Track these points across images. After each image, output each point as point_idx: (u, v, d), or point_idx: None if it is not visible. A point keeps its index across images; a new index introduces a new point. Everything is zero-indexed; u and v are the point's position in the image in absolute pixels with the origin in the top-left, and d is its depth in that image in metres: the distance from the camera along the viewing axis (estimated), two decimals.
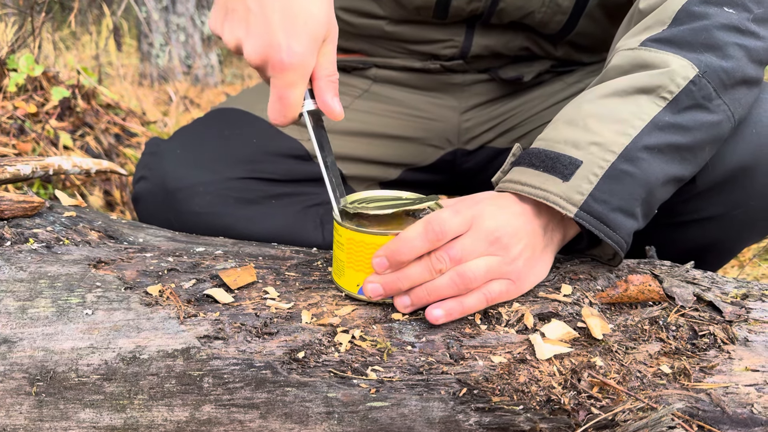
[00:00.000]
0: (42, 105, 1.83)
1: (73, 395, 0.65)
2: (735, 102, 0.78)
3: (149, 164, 1.03)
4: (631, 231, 0.74)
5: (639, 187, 0.73)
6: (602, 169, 0.72)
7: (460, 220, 0.70)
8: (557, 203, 0.72)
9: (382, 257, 0.69)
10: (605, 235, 0.71)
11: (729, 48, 0.77)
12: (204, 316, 0.69)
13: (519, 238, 0.72)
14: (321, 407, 0.64)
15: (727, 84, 0.76)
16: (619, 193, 0.72)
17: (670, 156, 0.74)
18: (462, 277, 0.69)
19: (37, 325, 0.67)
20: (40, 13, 1.95)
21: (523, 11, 1.05)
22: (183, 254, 0.82)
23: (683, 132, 0.74)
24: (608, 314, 0.74)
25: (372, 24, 1.12)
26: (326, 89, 0.74)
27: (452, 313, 0.70)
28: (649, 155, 0.73)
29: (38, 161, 0.98)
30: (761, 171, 0.84)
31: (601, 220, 0.71)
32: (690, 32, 0.78)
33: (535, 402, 0.64)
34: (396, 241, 0.69)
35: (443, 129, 1.20)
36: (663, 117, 0.74)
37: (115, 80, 3.03)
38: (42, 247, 0.78)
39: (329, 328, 0.69)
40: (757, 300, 0.77)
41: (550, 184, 0.73)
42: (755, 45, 0.78)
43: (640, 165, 0.72)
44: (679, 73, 0.75)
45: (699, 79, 0.75)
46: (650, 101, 0.75)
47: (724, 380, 0.67)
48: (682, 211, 0.90)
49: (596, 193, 0.71)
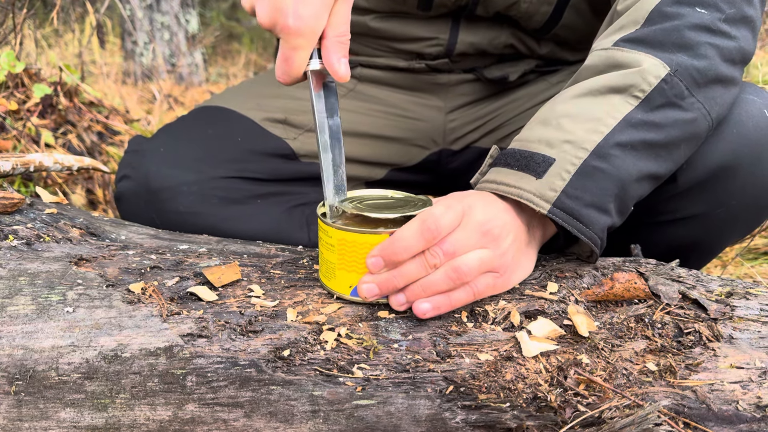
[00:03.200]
0: (23, 102, 1.80)
1: (54, 394, 0.63)
2: (710, 100, 0.78)
3: (132, 163, 1.01)
4: (605, 227, 0.74)
5: (611, 184, 0.73)
6: (574, 166, 0.73)
7: (453, 215, 0.69)
8: (531, 200, 0.72)
9: (378, 257, 0.69)
10: (578, 231, 0.72)
11: (700, 47, 0.78)
12: (187, 314, 0.68)
13: (508, 231, 0.72)
14: (306, 406, 0.64)
15: (700, 82, 0.77)
16: (592, 189, 0.73)
17: (644, 153, 0.75)
18: (457, 272, 0.69)
19: (16, 323, 0.66)
20: (22, 9, 1.92)
21: (509, 0, 1.05)
22: (166, 252, 0.81)
23: (656, 129, 0.75)
24: (594, 312, 0.74)
25: (357, 20, 1.11)
26: (333, 49, 0.73)
27: (440, 307, 0.70)
28: (622, 152, 0.74)
29: (19, 158, 0.96)
30: (742, 170, 0.85)
31: (574, 216, 0.72)
32: (662, 32, 0.79)
33: (521, 399, 0.64)
34: (392, 240, 0.68)
35: (429, 129, 1.19)
36: (635, 115, 0.75)
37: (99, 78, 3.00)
38: (22, 244, 0.76)
39: (315, 326, 0.69)
40: (742, 298, 0.77)
41: (524, 182, 0.74)
42: (727, 44, 0.79)
43: (613, 161, 0.73)
44: (651, 72, 0.76)
45: (671, 77, 0.76)
46: (623, 100, 0.76)
47: (709, 377, 0.67)
48: (664, 211, 0.91)
49: (569, 189, 0.72)
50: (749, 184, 0.86)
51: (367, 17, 1.11)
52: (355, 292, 0.72)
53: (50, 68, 2.14)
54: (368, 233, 0.69)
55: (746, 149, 0.84)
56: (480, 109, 1.20)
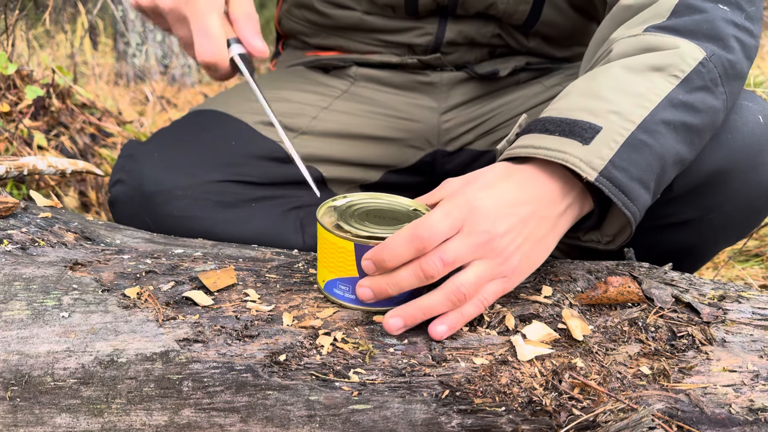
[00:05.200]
0: (15, 104, 1.80)
1: (49, 400, 0.63)
2: (732, 95, 0.79)
3: (126, 167, 1.01)
4: (646, 205, 0.72)
5: (656, 161, 0.72)
6: (622, 137, 0.70)
7: (450, 224, 0.67)
8: (577, 165, 0.69)
9: (369, 261, 0.67)
10: (623, 204, 0.69)
11: (730, 40, 0.78)
12: (183, 318, 0.68)
13: (518, 231, 0.69)
14: (303, 410, 0.64)
15: (729, 74, 0.77)
16: (638, 163, 0.70)
17: (683, 135, 0.74)
18: (457, 294, 0.67)
19: (11, 328, 0.65)
20: (14, 10, 1.91)
21: (485, 2, 1.07)
22: (161, 256, 0.81)
23: (694, 113, 0.74)
24: (588, 315, 0.74)
25: (349, 14, 1.13)
26: (245, 27, 0.82)
27: (455, 326, 0.68)
28: (666, 130, 0.72)
29: (12, 161, 0.96)
30: (736, 176, 0.85)
31: (621, 189, 0.69)
32: (692, 23, 0.79)
33: (516, 403, 0.64)
34: (381, 246, 0.67)
35: (423, 130, 1.20)
36: (677, 95, 0.74)
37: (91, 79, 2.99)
38: (17, 249, 0.76)
39: (311, 331, 0.69)
40: (734, 301, 0.78)
41: (568, 147, 0.70)
42: (749, 41, 0.80)
43: (658, 138, 0.72)
44: (689, 53, 0.75)
45: (707, 62, 0.75)
46: (663, 78, 0.74)
47: (702, 381, 0.67)
48: (658, 215, 0.91)
49: (616, 160, 0.69)
50: (743, 190, 0.87)
51: (358, 12, 1.13)
52: (327, 287, 0.73)
53: (42, 69, 2.13)
54: (337, 235, 0.69)
55: (741, 155, 0.84)
56: (474, 110, 1.20)
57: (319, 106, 1.16)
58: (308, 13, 1.18)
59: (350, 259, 0.70)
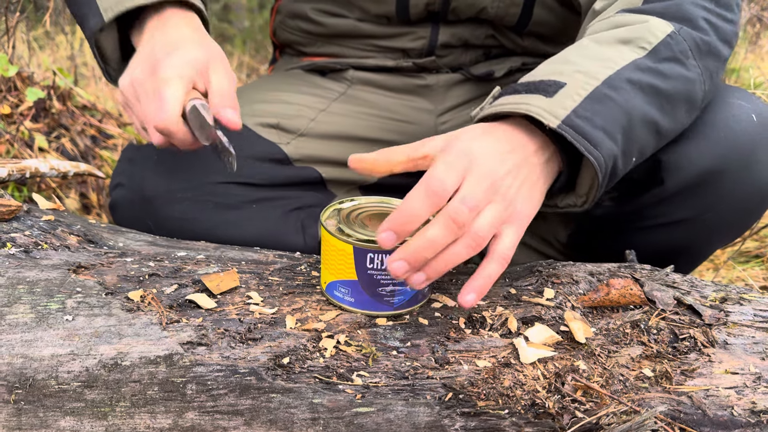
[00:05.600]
0: (16, 106, 1.80)
1: (53, 403, 0.63)
2: (706, 71, 0.80)
3: (126, 171, 1.01)
4: (611, 153, 0.72)
5: (620, 113, 0.73)
6: (586, 91, 0.72)
7: (455, 173, 0.66)
8: (540, 114, 0.70)
9: (388, 231, 0.64)
10: (586, 149, 0.70)
11: (699, 21, 0.80)
12: (187, 321, 0.68)
13: (515, 175, 0.70)
14: (306, 413, 0.64)
15: (702, 50, 0.80)
16: (602, 113, 0.72)
17: (651, 97, 0.75)
18: (476, 240, 0.65)
19: (15, 331, 0.66)
20: (14, 12, 1.91)
21: (475, 8, 1.08)
22: (164, 259, 0.81)
23: (662, 77, 0.76)
24: (590, 318, 0.74)
25: (344, 22, 1.14)
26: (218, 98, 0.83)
27: (484, 291, 0.68)
28: (631, 87, 0.74)
29: (14, 164, 0.96)
30: (730, 175, 0.86)
31: (583, 135, 0.70)
32: (662, 6, 0.82)
33: (520, 406, 0.65)
34: (399, 210, 0.64)
35: (420, 132, 1.20)
36: (643, 62, 0.76)
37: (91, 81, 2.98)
38: (20, 252, 0.76)
39: (314, 334, 0.69)
40: (736, 303, 0.78)
41: (533, 100, 0.72)
42: (723, 25, 0.82)
43: (622, 93, 0.73)
44: (657, 27, 0.78)
45: (676, 35, 0.78)
46: (630, 50, 0.77)
47: (704, 383, 0.68)
48: (652, 215, 0.92)
49: (579, 110, 0.71)
50: (737, 189, 0.87)
51: (351, 20, 1.13)
52: (328, 289, 0.73)
53: (42, 71, 2.14)
54: (337, 238, 0.70)
55: (734, 153, 0.85)
56: (471, 111, 1.21)
57: (317, 108, 1.17)
58: (302, 22, 1.19)
59: (349, 261, 0.70)
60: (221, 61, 0.86)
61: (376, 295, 0.71)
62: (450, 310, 0.74)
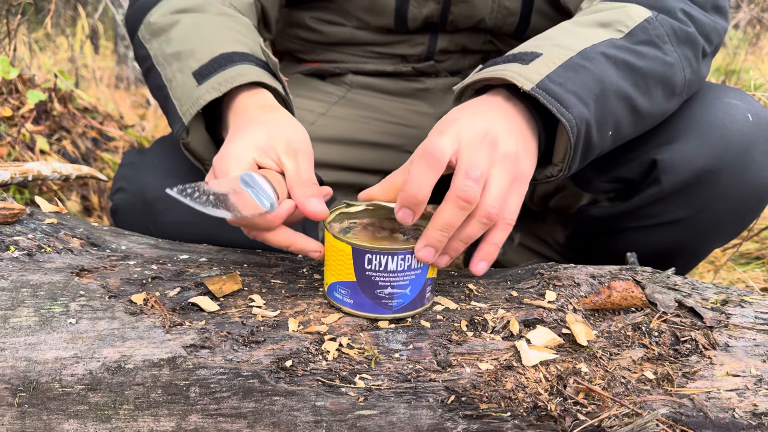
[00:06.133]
0: (17, 108, 1.80)
1: (57, 406, 0.64)
2: (685, 59, 0.82)
3: (127, 175, 1.02)
4: (583, 117, 0.73)
5: (593, 82, 0.75)
6: (561, 60, 0.75)
7: (450, 137, 0.68)
8: (515, 78, 0.72)
9: (403, 207, 0.66)
10: (557, 111, 0.71)
11: (677, 11, 0.82)
12: (190, 324, 0.69)
13: (508, 133, 0.71)
14: (309, 416, 0.64)
15: (679, 36, 0.81)
16: (575, 80, 0.74)
17: (625, 73, 0.77)
18: (489, 218, 0.67)
19: (19, 334, 0.66)
20: (16, 15, 1.92)
21: (474, 19, 1.10)
22: (167, 262, 0.81)
23: (637, 56, 0.78)
24: (592, 320, 0.75)
25: (340, 30, 1.14)
26: (299, 192, 0.73)
27: (492, 258, 0.71)
28: (605, 60, 0.76)
29: (17, 167, 0.96)
30: (725, 174, 0.86)
31: (555, 98, 0.72)
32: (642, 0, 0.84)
33: (522, 409, 0.65)
34: (405, 185, 0.66)
35: (420, 135, 1.20)
36: (620, 42, 0.79)
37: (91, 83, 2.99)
38: (23, 255, 0.77)
39: (316, 336, 0.69)
40: (737, 306, 0.78)
41: (510, 67, 0.75)
42: (703, 19, 0.84)
43: (596, 64, 0.76)
44: (635, 11, 0.81)
45: (653, 20, 0.80)
46: (608, 32, 0.80)
47: (706, 385, 0.68)
48: (649, 215, 0.92)
49: (553, 76, 0.73)
50: (733, 188, 0.88)
51: (349, 28, 1.14)
52: (329, 290, 0.74)
53: (43, 73, 2.14)
54: (337, 238, 0.70)
55: (730, 153, 0.85)
56: None
57: (317, 112, 1.17)
58: (301, 30, 1.19)
59: (348, 262, 0.70)
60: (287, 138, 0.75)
61: (375, 298, 0.71)
62: (452, 312, 0.74)
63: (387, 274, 0.69)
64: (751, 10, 3.49)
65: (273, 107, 0.83)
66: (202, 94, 0.82)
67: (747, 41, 3.56)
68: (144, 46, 0.92)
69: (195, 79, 0.84)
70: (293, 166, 0.74)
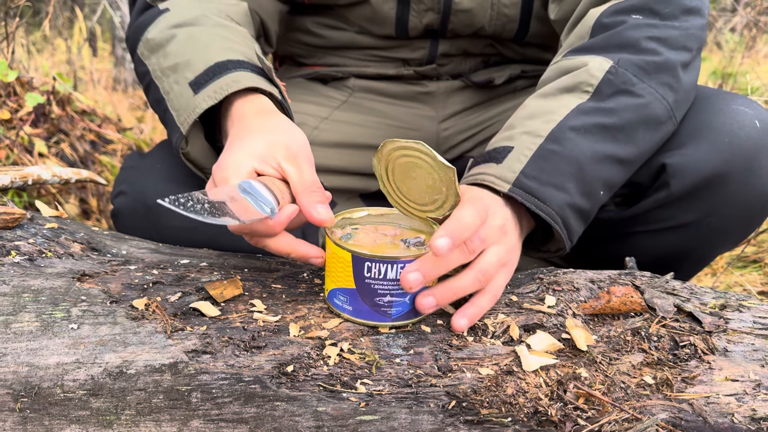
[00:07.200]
0: (16, 111, 1.80)
1: (59, 411, 0.64)
2: (663, 86, 0.83)
3: (128, 179, 1.02)
4: (563, 204, 0.78)
5: (566, 164, 0.78)
6: (531, 151, 0.78)
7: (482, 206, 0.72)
8: (492, 182, 0.77)
9: (446, 238, 0.65)
10: (536, 207, 0.76)
11: (641, 42, 0.84)
12: (191, 329, 0.69)
13: (512, 224, 0.76)
14: (311, 421, 0.64)
15: (648, 70, 0.83)
16: (548, 169, 0.77)
17: (599, 135, 0.80)
18: (485, 274, 0.72)
19: (21, 340, 0.66)
20: (14, 18, 1.92)
21: (473, 27, 1.11)
22: (167, 266, 0.81)
23: (609, 113, 0.81)
24: (591, 325, 0.75)
25: (343, 35, 1.14)
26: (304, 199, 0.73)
27: (475, 318, 0.72)
28: (575, 135, 0.79)
29: (17, 171, 0.96)
30: (733, 179, 0.87)
31: (532, 194, 0.76)
32: (603, 39, 0.86)
33: (522, 414, 0.65)
34: (456, 220, 0.67)
35: (422, 138, 1.21)
36: (587, 105, 0.81)
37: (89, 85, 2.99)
38: (24, 260, 0.77)
39: (317, 342, 0.69)
40: (735, 310, 0.79)
41: (487, 168, 0.79)
42: (671, 34, 0.85)
43: (566, 144, 0.78)
44: (596, 67, 0.82)
45: (615, 69, 0.82)
46: (574, 97, 0.82)
47: (705, 390, 0.68)
48: (658, 219, 0.93)
49: (526, 170, 0.77)
50: (740, 193, 0.89)
51: (350, 32, 1.14)
52: (329, 296, 0.74)
53: (40, 75, 2.14)
54: (337, 245, 0.70)
55: (738, 158, 0.86)
56: (472, 117, 1.21)
57: (320, 116, 1.17)
58: (302, 35, 1.19)
59: (348, 269, 0.70)
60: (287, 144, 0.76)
61: (374, 305, 0.71)
62: (451, 317, 0.75)
63: (386, 282, 0.69)
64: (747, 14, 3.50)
65: (271, 112, 0.83)
66: (199, 103, 0.83)
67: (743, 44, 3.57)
68: (143, 63, 0.93)
69: (191, 88, 0.84)
70: (295, 172, 0.74)
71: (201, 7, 0.95)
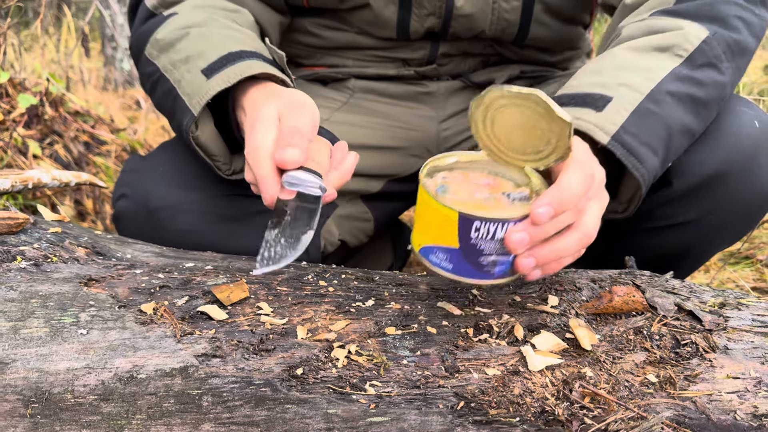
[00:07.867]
0: (8, 112, 1.79)
1: (69, 416, 0.64)
2: (738, 70, 0.84)
3: (130, 182, 1.01)
4: (654, 169, 0.77)
5: (662, 128, 0.77)
6: (632, 106, 0.76)
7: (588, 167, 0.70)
8: (591, 131, 0.74)
9: (548, 206, 0.64)
10: (633, 166, 0.74)
11: (732, 20, 0.83)
12: (200, 333, 0.69)
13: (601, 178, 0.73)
14: (321, 424, 0.65)
15: (734, 51, 0.83)
16: (647, 128, 0.76)
17: (689, 107, 0.80)
18: (588, 237, 0.69)
19: (30, 345, 0.66)
20: (6, 18, 1.90)
21: (474, 31, 1.11)
22: (173, 270, 0.82)
23: (699, 86, 0.80)
24: (594, 325, 0.76)
25: (341, 35, 1.15)
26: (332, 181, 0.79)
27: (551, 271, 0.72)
28: (672, 100, 0.78)
29: (18, 175, 0.96)
30: (734, 178, 0.89)
31: (631, 152, 0.75)
32: (695, 7, 0.85)
33: (530, 414, 0.66)
34: (560, 189, 0.65)
35: (423, 138, 1.22)
36: (681, 70, 0.80)
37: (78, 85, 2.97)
38: (30, 266, 0.77)
39: (325, 344, 0.70)
40: (734, 308, 0.80)
41: (583, 114, 0.76)
42: (753, 20, 0.86)
43: (664, 107, 0.77)
44: (693, 33, 0.81)
45: (710, 39, 0.81)
46: (668, 57, 0.80)
47: (707, 388, 0.69)
48: (658, 216, 0.94)
49: (627, 125, 0.75)
50: (740, 192, 0.91)
51: (350, 33, 1.14)
52: (423, 252, 0.72)
53: (35, 77, 2.13)
54: (440, 202, 0.67)
55: (738, 157, 0.88)
56: None
57: (321, 118, 1.17)
58: (301, 35, 1.20)
59: (452, 228, 0.67)
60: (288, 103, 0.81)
61: (477, 265, 0.69)
62: (457, 318, 0.76)
63: (494, 242, 0.67)
64: None
65: (272, 95, 0.85)
66: (212, 86, 0.84)
67: None
68: (152, 62, 0.94)
69: (204, 75, 0.86)
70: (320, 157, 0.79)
71: (208, 12, 0.96)
